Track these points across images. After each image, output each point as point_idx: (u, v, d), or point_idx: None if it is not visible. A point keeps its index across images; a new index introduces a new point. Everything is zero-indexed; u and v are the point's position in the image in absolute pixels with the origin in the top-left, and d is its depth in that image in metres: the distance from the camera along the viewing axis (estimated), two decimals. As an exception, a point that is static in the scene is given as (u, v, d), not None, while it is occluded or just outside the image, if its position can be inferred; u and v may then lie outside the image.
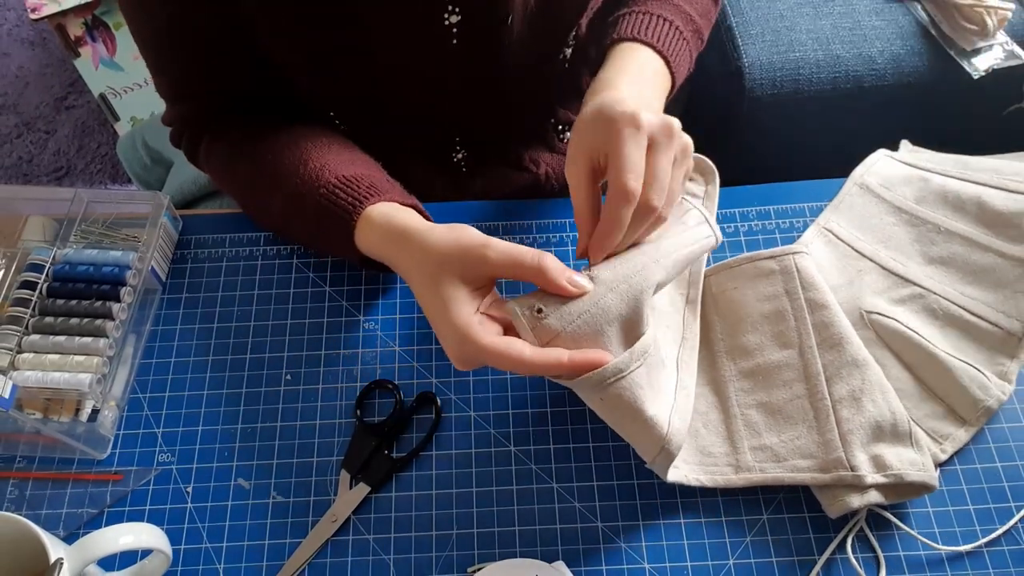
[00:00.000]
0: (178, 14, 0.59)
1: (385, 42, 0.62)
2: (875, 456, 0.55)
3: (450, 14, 0.60)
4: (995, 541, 0.55)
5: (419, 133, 0.73)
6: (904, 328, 0.60)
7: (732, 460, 0.58)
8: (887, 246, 0.66)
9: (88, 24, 1.48)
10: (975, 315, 0.61)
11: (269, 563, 0.55)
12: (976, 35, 1.08)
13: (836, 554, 0.55)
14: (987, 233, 0.64)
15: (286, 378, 0.63)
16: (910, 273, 0.64)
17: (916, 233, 0.66)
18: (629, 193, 0.49)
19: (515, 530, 0.56)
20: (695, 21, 0.66)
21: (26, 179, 1.73)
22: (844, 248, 0.66)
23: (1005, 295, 0.61)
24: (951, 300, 0.62)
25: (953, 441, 0.58)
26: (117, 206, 0.67)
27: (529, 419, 0.60)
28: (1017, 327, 0.60)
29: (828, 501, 0.55)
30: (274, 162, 0.62)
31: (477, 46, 0.64)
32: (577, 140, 0.54)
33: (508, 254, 0.49)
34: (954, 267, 0.64)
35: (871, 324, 0.62)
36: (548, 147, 0.80)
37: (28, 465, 0.59)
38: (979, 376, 0.58)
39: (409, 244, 0.54)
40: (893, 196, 0.68)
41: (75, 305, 0.62)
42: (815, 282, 0.61)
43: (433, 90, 0.68)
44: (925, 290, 0.63)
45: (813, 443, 0.56)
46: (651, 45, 0.61)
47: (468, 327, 0.49)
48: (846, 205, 0.69)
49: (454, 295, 0.50)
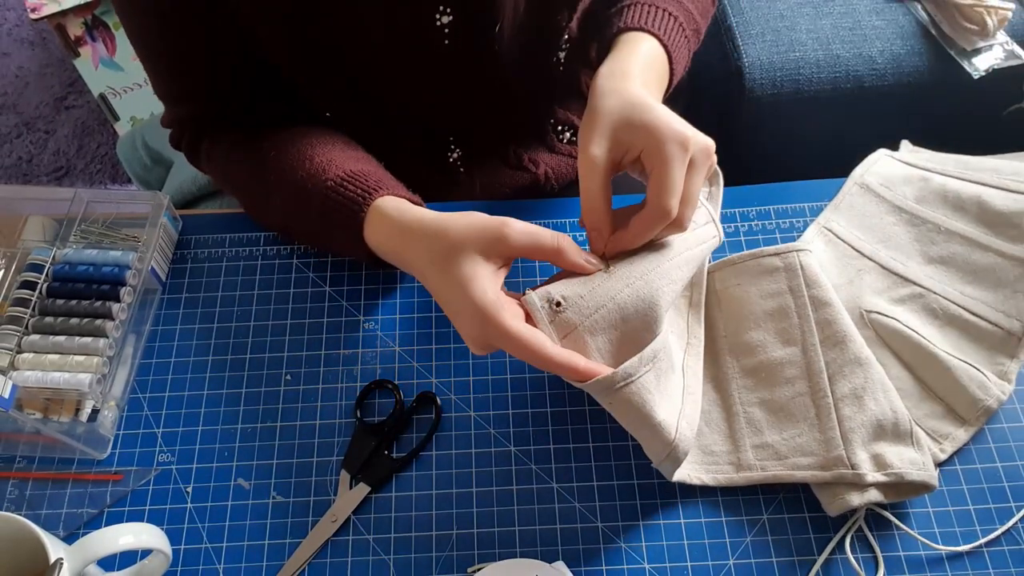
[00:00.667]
0: (171, 16, 0.59)
1: (378, 41, 0.62)
2: (876, 455, 0.55)
3: (442, 15, 0.61)
4: (995, 541, 0.55)
5: (413, 132, 0.73)
6: (904, 327, 0.60)
7: (734, 458, 0.58)
8: (887, 245, 0.66)
9: (88, 24, 1.48)
10: (975, 315, 0.61)
11: (269, 563, 0.55)
12: (976, 35, 1.08)
13: (835, 554, 0.55)
14: (987, 233, 0.63)
15: (286, 378, 0.63)
16: (910, 272, 0.64)
17: (916, 233, 0.66)
18: (670, 214, 0.50)
19: (515, 530, 0.56)
20: (696, 20, 0.67)
21: (26, 179, 1.73)
22: (844, 247, 0.66)
23: (1005, 295, 0.61)
24: (951, 300, 0.62)
25: (953, 441, 0.58)
26: (117, 206, 0.67)
27: (529, 419, 0.60)
28: (1017, 327, 0.60)
29: (828, 500, 0.55)
30: (277, 159, 0.62)
31: (469, 47, 0.64)
32: (600, 133, 0.53)
33: (528, 233, 0.49)
34: (954, 267, 0.64)
35: (871, 323, 0.62)
36: (547, 147, 0.80)
37: (28, 465, 0.59)
38: (979, 376, 0.58)
39: (421, 233, 0.53)
40: (893, 196, 0.68)
41: (75, 305, 0.62)
42: (818, 279, 0.61)
43: (425, 89, 0.68)
44: (925, 289, 0.63)
45: (814, 441, 0.56)
46: (658, 37, 0.61)
47: (493, 306, 0.47)
48: (846, 204, 0.69)
49: (475, 272, 0.49)
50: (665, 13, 0.63)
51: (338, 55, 0.63)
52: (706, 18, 0.69)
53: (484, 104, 0.72)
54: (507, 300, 0.50)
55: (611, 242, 0.52)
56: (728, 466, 0.57)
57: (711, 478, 0.57)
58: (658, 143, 0.50)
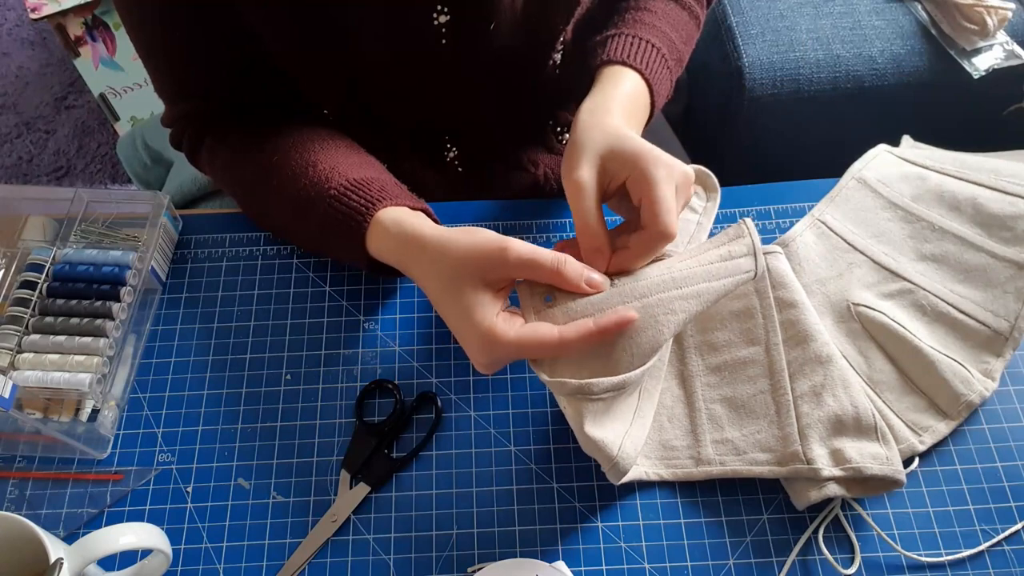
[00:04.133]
0: (174, 12, 0.59)
1: (376, 40, 0.62)
2: (835, 450, 0.55)
3: (439, 14, 0.61)
4: (996, 544, 0.55)
5: (410, 131, 0.73)
6: (890, 321, 0.61)
7: (694, 453, 0.58)
8: (880, 241, 0.66)
9: (88, 24, 1.48)
10: (964, 313, 0.62)
11: (269, 563, 0.55)
12: (976, 35, 1.08)
13: (816, 555, 0.55)
14: (981, 234, 0.64)
15: (286, 378, 0.63)
16: (901, 268, 0.64)
17: (910, 230, 0.66)
18: (670, 234, 0.51)
19: (515, 530, 0.56)
20: (678, 48, 0.67)
21: (26, 179, 1.73)
22: (836, 240, 0.67)
23: (995, 294, 0.62)
24: (940, 297, 0.62)
25: (932, 433, 0.58)
26: (117, 206, 0.67)
27: (529, 419, 0.60)
28: (1004, 326, 0.61)
29: (794, 494, 0.56)
30: (280, 164, 0.62)
31: (465, 47, 0.64)
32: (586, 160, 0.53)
33: (527, 256, 0.50)
34: (946, 265, 0.64)
35: (858, 316, 0.62)
36: (547, 148, 0.80)
37: (28, 465, 0.59)
38: (962, 371, 0.59)
39: (424, 251, 0.53)
40: (890, 192, 0.68)
41: (75, 305, 0.62)
42: (785, 281, 0.61)
43: (422, 88, 0.68)
44: (915, 286, 0.63)
45: (773, 437, 0.57)
46: (640, 72, 0.62)
47: (492, 329, 0.49)
48: (842, 198, 0.69)
49: (475, 300, 0.50)
50: (648, 45, 0.63)
51: (337, 53, 0.63)
52: (690, 44, 0.70)
53: (480, 104, 0.72)
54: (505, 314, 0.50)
55: (612, 263, 0.53)
56: (688, 460, 0.58)
57: (670, 473, 0.58)
58: (646, 167, 0.52)
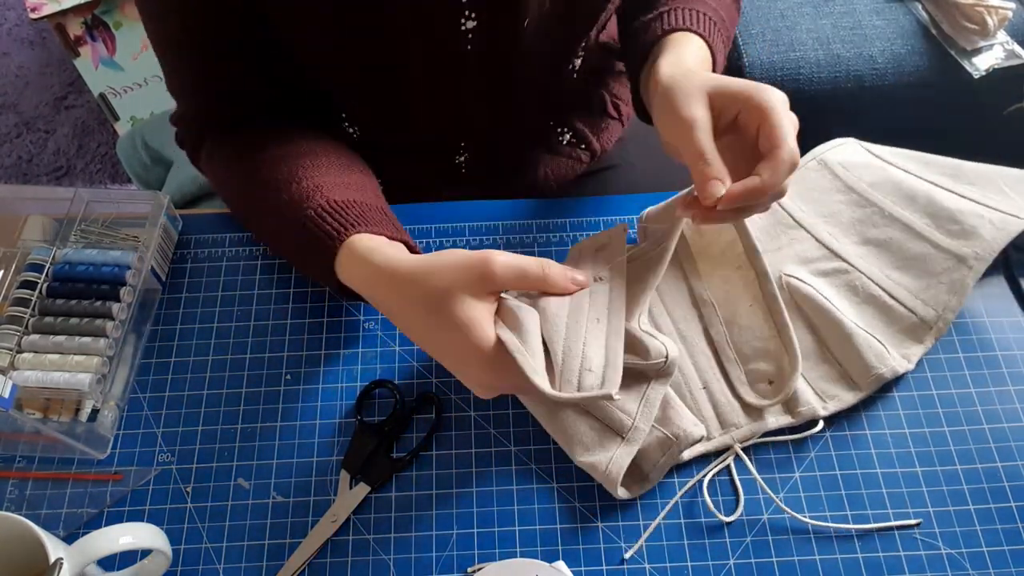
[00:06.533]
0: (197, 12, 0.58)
1: (403, 44, 0.62)
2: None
3: (467, 19, 0.60)
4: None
5: (425, 135, 0.73)
6: (816, 294, 0.62)
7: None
8: (827, 221, 0.67)
9: (88, 24, 1.48)
10: (894, 298, 0.63)
11: (269, 563, 0.55)
12: (977, 34, 1.08)
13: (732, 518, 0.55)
14: (929, 224, 0.65)
15: (286, 378, 0.63)
16: (842, 250, 0.65)
17: (861, 214, 0.67)
18: (796, 157, 0.51)
19: (515, 530, 0.56)
20: (728, 28, 0.68)
21: (26, 179, 1.73)
22: (783, 215, 0.68)
23: (928, 283, 0.63)
24: (875, 280, 0.64)
25: (838, 401, 0.60)
26: (117, 206, 0.67)
27: (529, 419, 0.60)
28: (931, 315, 0.62)
29: None
30: (267, 176, 0.60)
31: (491, 53, 0.64)
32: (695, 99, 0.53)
33: (512, 266, 0.49)
34: (887, 251, 0.65)
35: (787, 286, 0.64)
36: (548, 149, 0.80)
37: (28, 465, 0.59)
38: (878, 346, 0.60)
39: (392, 280, 0.51)
40: (848, 176, 0.69)
41: (75, 305, 0.62)
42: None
43: (443, 94, 0.68)
44: (852, 267, 0.64)
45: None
46: (704, 37, 0.62)
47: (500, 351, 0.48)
48: (798, 176, 0.69)
49: (472, 316, 0.48)
50: (705, 16, 0.64)
51: (362, 56, 0.62)
52: (733, 27, 0.70)
53: (497, 109, 0.72)
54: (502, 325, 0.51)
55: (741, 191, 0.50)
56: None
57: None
58: (761, 96, 0.51)
